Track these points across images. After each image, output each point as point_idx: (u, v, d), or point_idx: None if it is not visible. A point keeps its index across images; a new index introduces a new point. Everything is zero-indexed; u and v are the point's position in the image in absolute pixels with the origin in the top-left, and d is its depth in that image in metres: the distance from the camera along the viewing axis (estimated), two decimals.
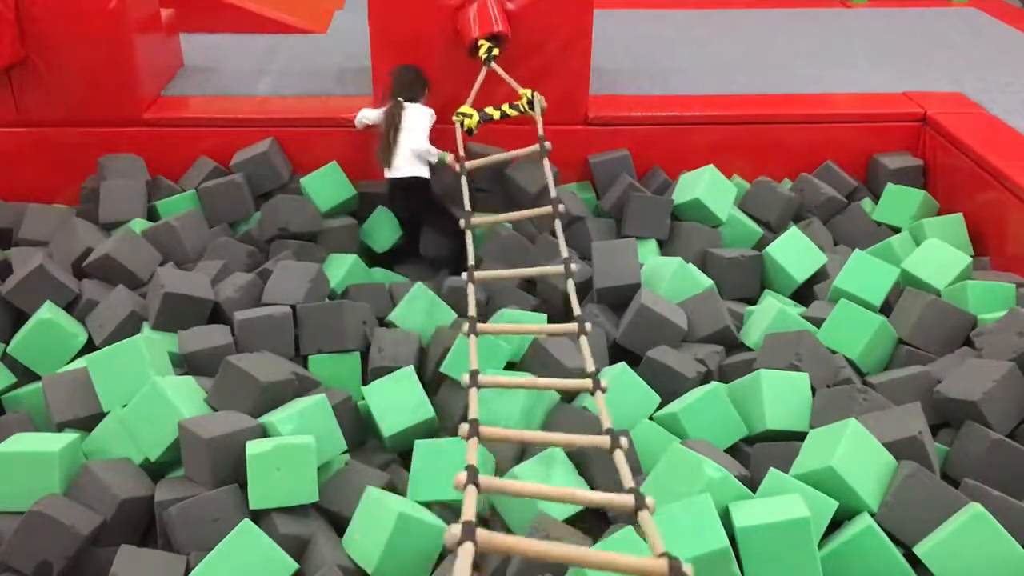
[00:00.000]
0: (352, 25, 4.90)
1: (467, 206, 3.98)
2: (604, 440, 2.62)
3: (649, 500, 2.31)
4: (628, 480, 2.43)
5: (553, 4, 4.65)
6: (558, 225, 3.80)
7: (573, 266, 3.58)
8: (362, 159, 4.76)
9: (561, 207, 3.84)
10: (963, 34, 6.58)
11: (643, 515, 2.27)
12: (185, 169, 4.91)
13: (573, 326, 3.29)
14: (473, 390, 2.93)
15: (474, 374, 3.02)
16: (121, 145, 4.86)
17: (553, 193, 3.90)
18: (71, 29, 4.61)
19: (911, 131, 5.12)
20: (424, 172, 4.38)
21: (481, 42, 4.49)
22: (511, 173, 4.71)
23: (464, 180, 4.10)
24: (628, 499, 2.32)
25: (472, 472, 2.30)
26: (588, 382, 2.97)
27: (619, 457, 2.54)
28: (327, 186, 4.72)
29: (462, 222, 3.93)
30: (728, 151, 5.02)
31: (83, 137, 4.83)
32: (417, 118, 4.40)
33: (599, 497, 2.50)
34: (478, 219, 4.03)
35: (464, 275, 3.72)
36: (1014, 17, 7.10)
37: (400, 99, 4.42)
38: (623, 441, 2.60)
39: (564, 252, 3.66)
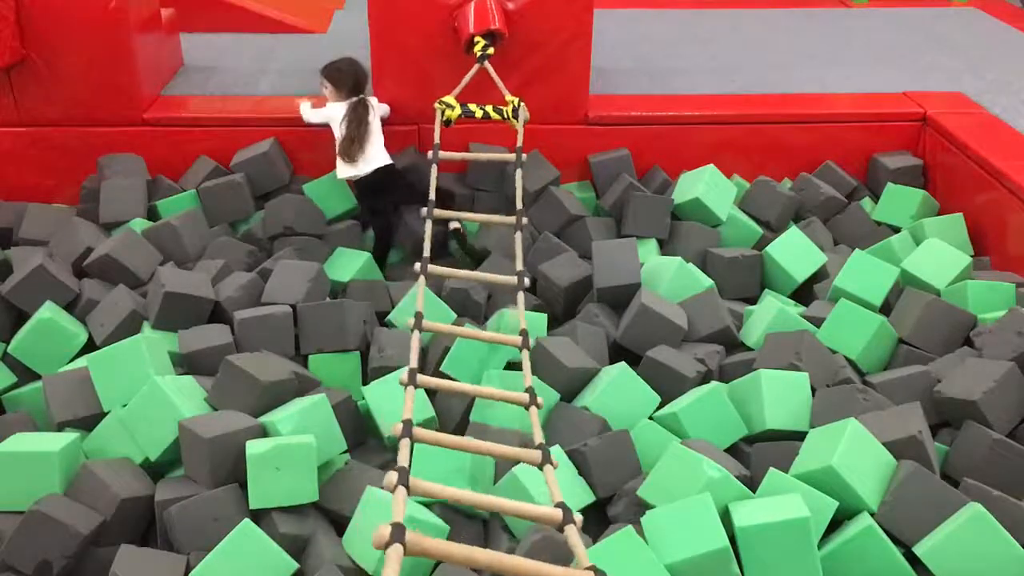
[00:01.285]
0: (352, 25, 4.92)
1: (432, 195, 3.99)
2: (535, 455, 2.63)
3: (577, 516, 2.31)
4: (557, 496, 2.42)
5: (553, 4, 4.65)
6: (518, 239, 3.89)
7: (526, 280, 3.73)
8: None
9: (524, 220, 3.95)
10: (963, 34, 6.58)
11: (569, 529, 2.26)
12: (185, 169, 4.91)
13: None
14: (411, 389, 2.93)
15: (412, 373, 2.98)
16: (121, 145, 4.86)
17: (520, 205, 3.98)
18: (71, 29, 4.61)
19: (911, 131, 5.12)
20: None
21: (476, 39, 4.50)
22: (512, 173, 4.71)
23: (434, 170, 4.10)
24: (556, 513, 2.31)
25: (403, 473, 2.28)
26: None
27: (549, 473, 2.56)
28: (330, 196, 4.72)
29: (423, 211, 3.94)
30: (728, 151, 5.02)
31: (83, 137, 4.83)
32: (378, 111, 4.52)
33: (528, 509, 2.45)
34: (440, 213, 4.07)
35: (417, 265, 3.74)
36: (1014, 17, 7.10)
37: (362, 95, 4.47)
38: (553, 459, 2.63)
39: (519, 266, 3.79)
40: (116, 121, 4.85)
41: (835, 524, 2.88)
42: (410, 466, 2.36)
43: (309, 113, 4.67)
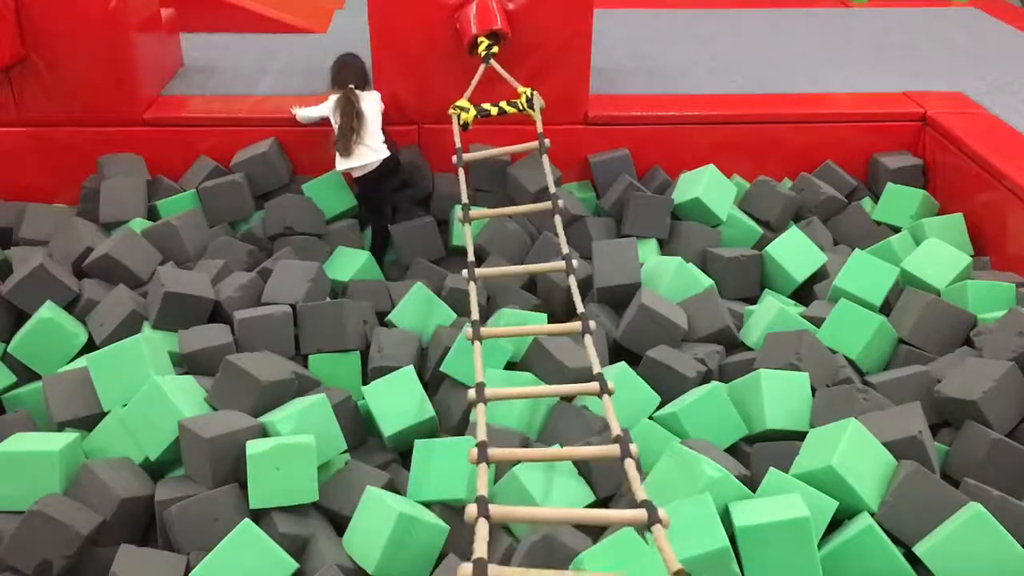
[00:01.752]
0: (352, 25, 4.91)
1: (464, 199, 3.97)
2: (614, 450, 2.55)
3: (662, 514, 2.24)
4: (640, 492, 2.33)
5: (553, 4, 4.65)
6: (558, 221, 3.79)
7: (574, 263, 3.58)
8: None
9: (560, 203, 3.85)
10: (963, 34, 6.58)
11: (657, 530, 2.20)
12: (185, 169, 4.91)
13: (577, 325, 3.23)
14: (481, 406, 2.81)
15: (480, 387, 2.87)
16: (121, 145, 4.86)
17: (552, 189, 3.90)
18: (71, 29, 4.61)
19: (911, 131, 5.12)
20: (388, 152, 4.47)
21: (480, 39, 4.50)
22: (512, 172, 4.72)
23: (461, 173, 4.09)
24: (640, 514, 2.25)
25: (483, 503, 2.24)
26: (595, 385, 2.91)
27: (630, 467, 2.45)
28: (330, 194, 4.72)
29: (460, 214, 3.92)
30: (728, 151, 5.02)
31: (83, 137, 4.83)
32: (374, 103, 4.50)
33: (613, 515, 2.44)
34: (477, 212, 4.04)
35: (464, 271, 3.70)
36: (1014, 17, 7.10)
37: (352, 87, 4.46)
38: (633, 449, 2.52)
39: (565, 249, 3.66)
40: (116, 121, 4.84)
41: (835, 524, 2.88)
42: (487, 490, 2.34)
43: (300, 113, 4.69)
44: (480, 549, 2.09)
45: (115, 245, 4.17)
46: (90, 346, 3.85)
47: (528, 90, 4.34)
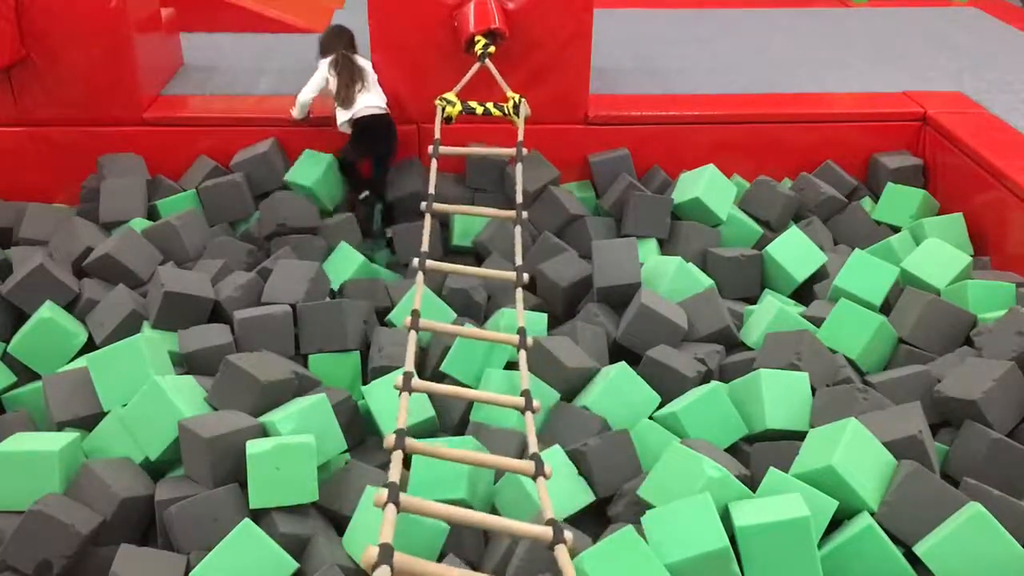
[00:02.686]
0: (352, 25, 4.92)
1: (431, 189, 3.98)
2: (528, 466, 2.62)
3: (567, 535, 2.29)
4: (548, 512, 2.41)
5: (553, 4, 4.66)
6: (517, 232, 3.88)
7: (524, 276, 3.71)
8: None
9: (524, 215, 3.94)
10: (963, 34, 6.58)
11: (559, 551, 2.24)
12: (185, 168, 4.91)
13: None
14: (405, 395, 2.88)
15: (408, 376, 2.94)
16: (121, 145, 4.86)
17: (519, 199, 3.97)
18: (71, 29, 4.61)
19: (911, 131, 5.12)
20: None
21: (477, 38, 4.50)
22: (512, 172, 4.71)
23: (434, 164, 4.10)
24: (546, 531, 2.28)
25: (393, 490, 2.27)
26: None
27: (541, 486, 2.55)
28: (310, 170, 4.72)
29: (423, 205, 3.93)
30: (728, 150, 5.02)
31: (83, 137, 4.83)
32: (368, 64, 4.59)
33: (518, 527, 2.45)
34: (440, 207, 4.07)
35: (415, 260, 3.75)
36: (1014, 17, 7.10)
37: (344, 51, 4.55)
38: (547, 470, 2.62)
39: (519, 260, 3.79)
40: (116, 121, 4.85)
41: (835, 524, 2.88)
42: (402, 479, 2.38)
43: (299, 98, 4.68)
44: (387, 533, 2.14)
45: (115, 245, 4.17)
46: (90, 346, 3.85)
47: (516, 96, 4.35)
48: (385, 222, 4.82)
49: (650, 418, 3.40)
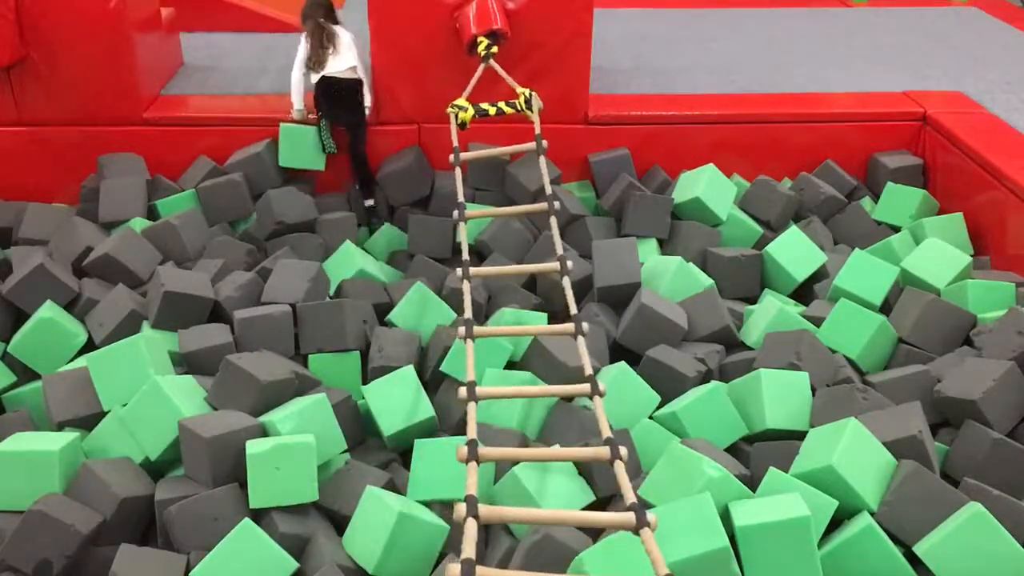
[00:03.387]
0: (352, 25, 4.93)
1: (460, 197, 3.96)
2: (604, 452, 2.56)
3: (651, 517, 2.24)
4: (629, 495, 2.33)
5: (553, 4, 4.66)
6: (553, 222, 3.79)
7: (569, 263, 3.55)
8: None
9: (557, 204, 3.84)
10: (963, 34, 6.58)
11: (645, 533, 2.20)
12: (185, 168, 4.91)
13: (570, 326, 3.24)
14: (472, 405, 2.81)
15: (471, 385, 2.88)
16: (121, 144, 4.86)
17: (549, 190, 3.90)
18: (71, 29, 4.61)
19: (911, 130, 5.12)
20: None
21: (480, 39, 4.50)
22: (511, 171, 4.72)
23: (458, 172, 4.09)
24: (629, 517, 2.25)
25: (472, 502, 2.23)
26: (587, 387, 2.92)
27: (619, 469, 2.46)
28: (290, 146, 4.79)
29: (455, 214, 3.91)
30: (728, 150, 5.02)
31: (83, 136, 4.83)
32: (347, 35, 4.68)
33: (603, 518, 2.43)
34: (473, 212, 4.03)
35: (459, 269, 3.69)
36: (1014, 17, 7.10)
37: (321, 20, 4.65)
38: (623, 451, 2.53)
39: (560, 250, 3.65)
40: (116, 121, 4.85)
41: (835, 523, 2.88)
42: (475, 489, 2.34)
43: (292, 76, 4.73)
44: (469, 549, 2.09)
45: (115, 245, 4.17)
46: (90, 346, 3.85)
47: (527, 91, 4.34)
48: (364, 194, 4.84)
49: (650, 418, 3.40)
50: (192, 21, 5.93)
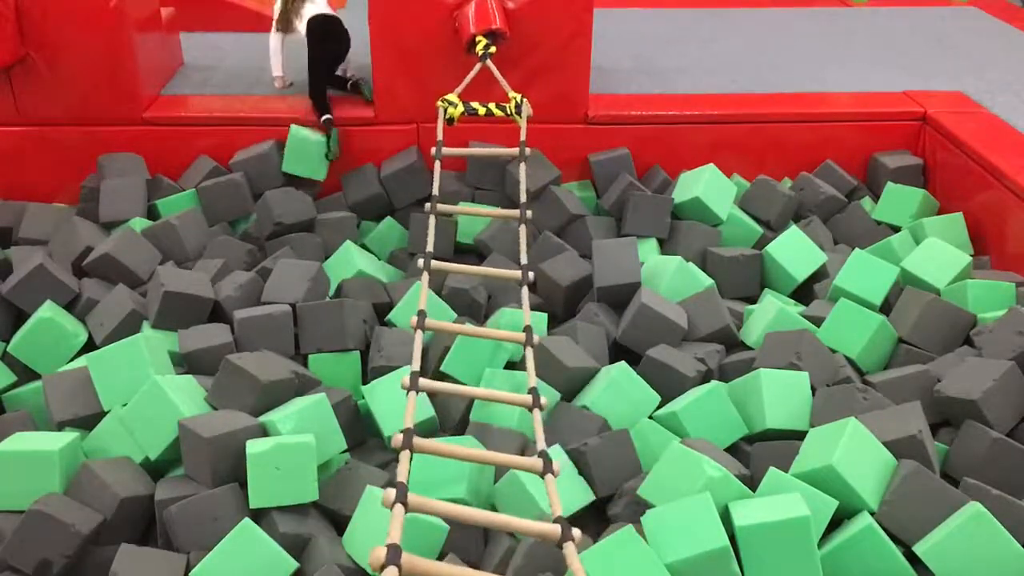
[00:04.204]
0: (352, 25, 4.93)
1: (435, 191, 3.96)
2: (536, 463, 2.54)
3: (576, 533, 2.25)
4: (557, 509, 2.35)
5: (553, 3, 4.66)
6: (522, 231, 3.83)
7: (531, 275, 3.63)
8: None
9: (528, 214, 3.90)
10: (964, 34, 6.58)
11: (568, 548, 2.22)
12: (185, 168, 4.91)
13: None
14: (412, 395, 2.81)
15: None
16: (121, 144, 4.86)
17: (523, 198, 3.94)
18: (71, 29, 4.61)
19: (911, 130, 5.12)
20: None
21: (478, 38, 4.50)
22: (512, 171, 4.71)
23: (437, 166, 4.08)
24: (554, 530, 2.26)
25: (401, 490, 2.25)
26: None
27: (550, 483, 2.47)
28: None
29: (426, 206, 3.91)
30: (728, 150, 5.02)
31: (83, 136, 4.83)
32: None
33: (524, 525, 2.42)
34: (444, 207, 4.03)
35: (420, 261, 3.69)
36: (1014, 17, 7.10)
37: None
38: (555, 466, 2.52)
39: (524, 259, 3.70)
40: (116, 121, 4.85)
41: (835, 523, 2.88)
42: (409, 478, 2.33)
43: (272, 42, 5.05)
44: (395, 535, 2.12)
45: (115, 244, 4.17)
46: (90, 346, 3.85)
47: (518, 96, 4.35)
48: (321, 110, 4.90)
49: (650, 418, 3.40)
50: (192, 21, 5.92)
